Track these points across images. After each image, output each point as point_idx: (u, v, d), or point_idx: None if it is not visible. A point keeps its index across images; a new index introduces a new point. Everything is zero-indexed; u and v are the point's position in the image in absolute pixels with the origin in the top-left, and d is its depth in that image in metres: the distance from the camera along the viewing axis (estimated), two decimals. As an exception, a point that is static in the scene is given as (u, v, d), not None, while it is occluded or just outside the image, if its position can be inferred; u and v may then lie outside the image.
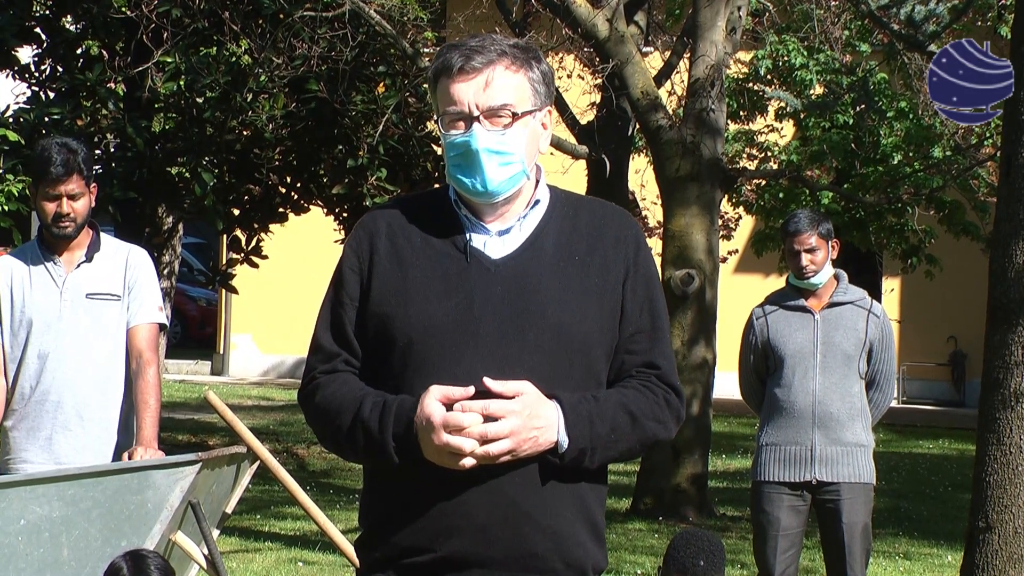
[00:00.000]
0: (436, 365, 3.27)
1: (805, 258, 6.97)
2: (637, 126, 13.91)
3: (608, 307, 3.37)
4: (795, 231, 7.00)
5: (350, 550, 6.04)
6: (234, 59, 13.94)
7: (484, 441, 3.19)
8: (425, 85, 14.63)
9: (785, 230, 7.08)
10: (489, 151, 3.31)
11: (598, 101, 14.49)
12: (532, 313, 3.30)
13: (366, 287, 3.37)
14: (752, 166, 20.52)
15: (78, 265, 5.90)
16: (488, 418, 3.20)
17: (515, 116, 3.33)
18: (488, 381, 3.20)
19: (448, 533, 3.26)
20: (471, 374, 3.23)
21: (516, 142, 3.34)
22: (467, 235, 3.36)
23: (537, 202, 3.41)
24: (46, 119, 13.52)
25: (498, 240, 3.36)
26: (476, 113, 3.31)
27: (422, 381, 3.26)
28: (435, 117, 3.41)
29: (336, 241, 15.40)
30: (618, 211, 3.54)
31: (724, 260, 19.11)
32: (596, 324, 3.34)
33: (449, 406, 3.21)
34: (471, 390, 3.20)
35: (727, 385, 13.08)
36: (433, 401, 3.21)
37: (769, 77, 19.61)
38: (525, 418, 3.21)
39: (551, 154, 13.98)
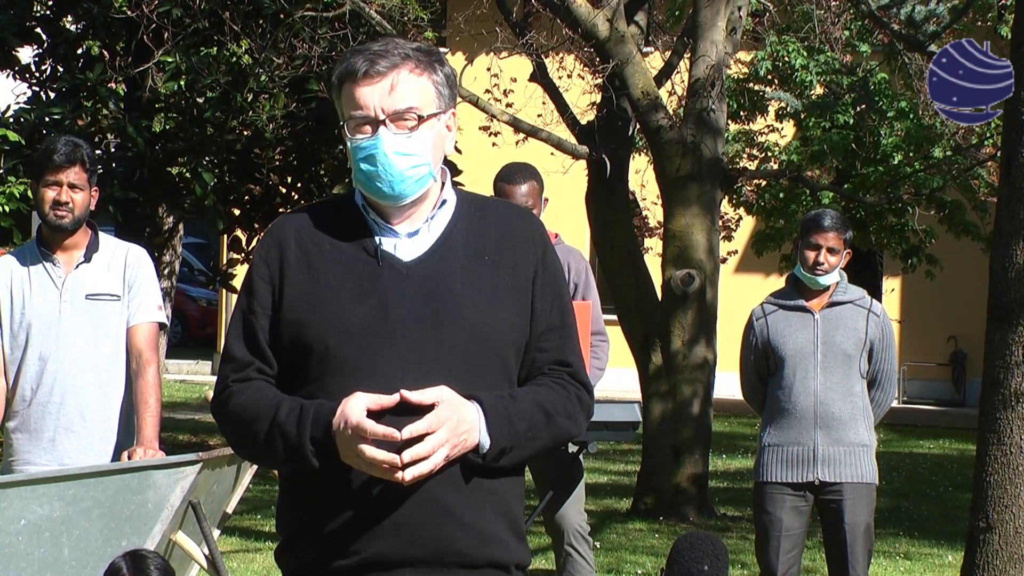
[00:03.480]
0: (354, 369, 3.28)
1: (823, 255, 6.95)
2: (637, 126, 13.91)
3: (519, 306, 3.39)
4: (825, 227, 6.95)
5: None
6: (234, 59, 13.94)
7: (420, 458, 3.20)
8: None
9: (815, 222, 7.00)
10: (396, 154, 3.33)
11: (598, 101, 14.48)
12: (448, 313, 3.32)
13: (278, 295, 3.38)
14: (752, 166, 20.52)
15: (77, 266, 5.89)
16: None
17: (421, 119, 3.35)
18: (405, 394, 3.21)
19: (371, 534, 3.27)
20: (389, 377, 3.25)
21: (422, 145, 3.36)
22: (376, 238, 3.38)
23: (444, 202, 3.43)
24: (46, 119, 13.52)
25: (408, 242, 3.38)
26: (382, 117, 3.33)
27: (340, 385, 3.27)
28: (340, 122, 3.42)
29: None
30: (523, 211, 3.56)
31: (724, 260, 19.10)
32: (509, 323, 3.37)
33: (374, 414, 3.21)
34: (396, 398, 3.21)
35: (727, 385, 13.08)
36: (356, 407, 3.21)
37: (769, 77, 19.62)
38: (454, 424, 3.23)
39: (552, 154, 13.98)
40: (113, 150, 14.40)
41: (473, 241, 3.40)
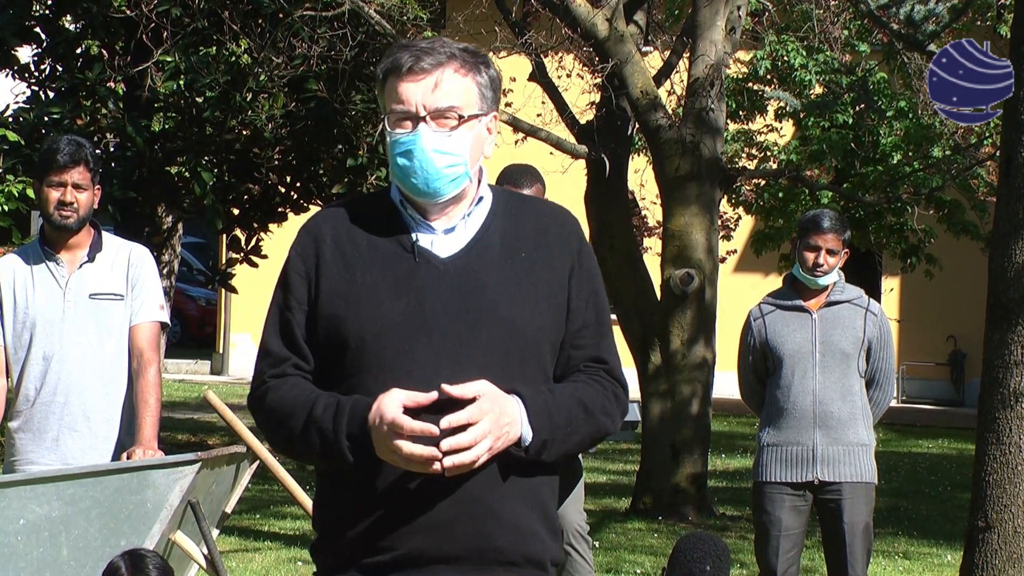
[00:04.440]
0: (390, 365, 3.28)
1: (822, 256, 6.94)
2: (636, 126, 13.91)
3: (555, 302, 3.39)
4: (825, 228, 6.94)
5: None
6: (234, 59, 13.94)
7: (460, 449, 3.19)
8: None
9: (813, 224, 6.99)
10: (434, 151, 3.33)
11: (598, 101, 14.48)
12: (484, 310, 3.32)
13: (314, 291, 3.38)
14: (752, 166, 20.53)
15: (80, 265, 5.88)
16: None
17: (461, 119, 3.35)
18: (446, 387, 3.20)
19: (409, 530, 3.27)
20: (425, 373, 3.25)
21: (461, 145, 3.35)
22: (413, 234, 3.38)
23: (481, 199, 3.43)
24: (46, 119, 13.51)
25: (444, 238, 3.38)
26: (423, 113, 3.33)
27: (376, 381, 3.26)
28: (382, 116, 3.42)
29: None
30: (559, 209, 3.57)
31: (723, 260, 19.11)
32: (545, 319, 3.37)
33: (410, 411, 3.20)
34: (434, 395, 3.20)
35: (726, 385, 13.09)
36: (392, 404, 3.20)
37: (768, 77, 19.62)
38: (496, 416, 3.22)
39: (551, 154, 13.97)
40: (112, 149, 14.39)
41: (509, 238, 3.40)
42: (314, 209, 15.46)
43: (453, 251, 3.37)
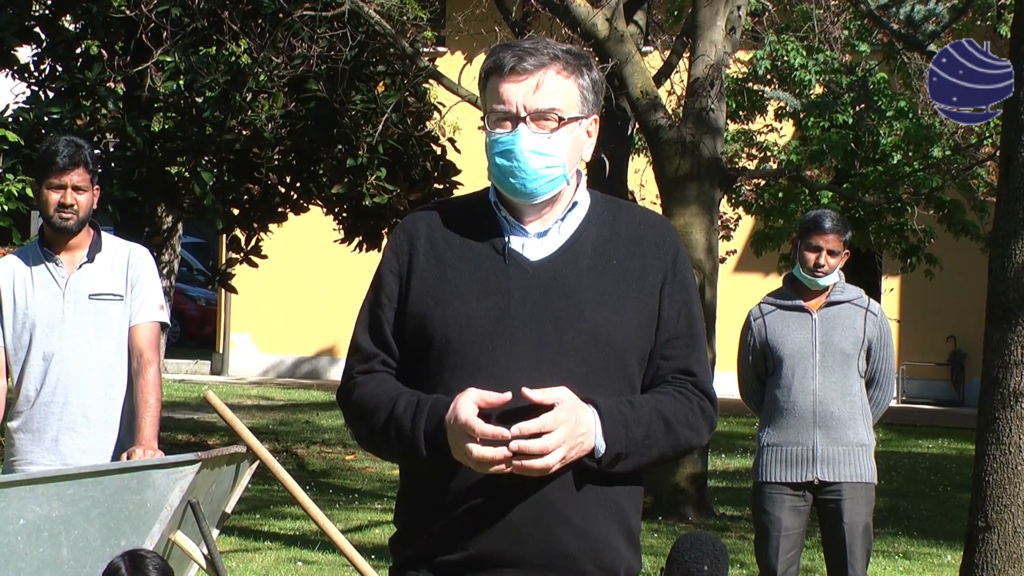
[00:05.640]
0: (473, 365, 3.28)
1: (823, 257, 6.95)
2: (636, 126, 13.90)
3: (645, 312, 3.38)
4: (826, 229, 6.95)
5: (349, 549, 6.04)
6: (233, 59, 13.95)
7: (536, 455, 3.18)
8: (424, 84, 14.64)
9: (815, 224, 6.99)
10: (533, 152, 3.33)
11: (597, 100, 14.48)
12: (570, 315, 3.31)
13: (405, 288, 3.39)
14: (751, 166, 20.52)
15: (80, 265, 5.88)
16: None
17: (561, 121, 3.35)
18: (526, 391, 3.19)
19: (481, 531, 3.27)
20: (508, 374, 3.25)
21: (560, 147, 3.35)
22: (506, 237, 3.38)
23: (575, 204, 3.43)
24: (45, 119, 13.52)
25: (536, 242, 3.38)
26: (523, 114, 3.33)
27: (459, 381, 3.27)
28: (482, 115, 3.43)
29: (335, 241, 15.40)
30: (657, 217, 3.55)
31: (723, 260, 19.11)
32: (633, 328, 3.35)
33: (486, 413, 3.19)
34: (508, 396, 3.19)
35: (726, 385, 13.09)
36: (468, 403, 3.20)
37: (768, 77, 19.62)
38: (572, 426, 3.20)
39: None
40: (112, 150, 14.40)
41: (602, 245, 3.40)
42: (314, 209, 15.49)
43: (544, 255, 3.37)
